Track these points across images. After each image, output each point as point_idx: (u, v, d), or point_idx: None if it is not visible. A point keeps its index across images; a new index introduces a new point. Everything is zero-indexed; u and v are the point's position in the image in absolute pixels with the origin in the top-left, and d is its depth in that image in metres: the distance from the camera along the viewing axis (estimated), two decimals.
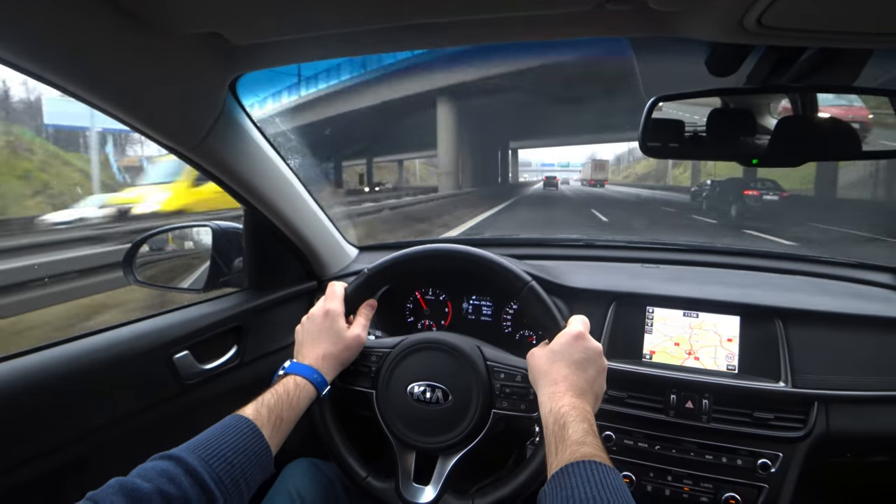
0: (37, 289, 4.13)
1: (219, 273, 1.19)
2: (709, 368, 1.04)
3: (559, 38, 0.74)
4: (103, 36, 0.62)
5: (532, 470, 0.78)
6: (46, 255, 4.78)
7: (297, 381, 0.78)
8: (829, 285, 1.25)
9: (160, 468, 0.58)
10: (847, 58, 0.72)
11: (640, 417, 1.04)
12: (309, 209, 1.22)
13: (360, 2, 0.62)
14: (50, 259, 4.61)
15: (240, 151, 0.95)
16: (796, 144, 0.80)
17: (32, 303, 3.98)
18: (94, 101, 0.70)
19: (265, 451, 0.68)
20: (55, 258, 4.66)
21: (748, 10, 0.53)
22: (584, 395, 0.71)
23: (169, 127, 0.81)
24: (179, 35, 0.69)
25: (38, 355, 0.80)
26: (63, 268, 4.47)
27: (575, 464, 0.58)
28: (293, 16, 0.65)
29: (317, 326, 0.86)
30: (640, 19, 0.66)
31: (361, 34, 0.73)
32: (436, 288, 1.36)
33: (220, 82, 0.85)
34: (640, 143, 0.83)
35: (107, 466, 0.60)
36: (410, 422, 0.84)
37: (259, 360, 1.15)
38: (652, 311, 1.11)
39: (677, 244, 1.48)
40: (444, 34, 0.74)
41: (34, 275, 4.15)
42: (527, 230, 12.34)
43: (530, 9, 0.63)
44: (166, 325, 0.98)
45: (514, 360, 0.86)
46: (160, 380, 0.95)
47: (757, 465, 0.97)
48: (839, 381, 0.99)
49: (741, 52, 0.71)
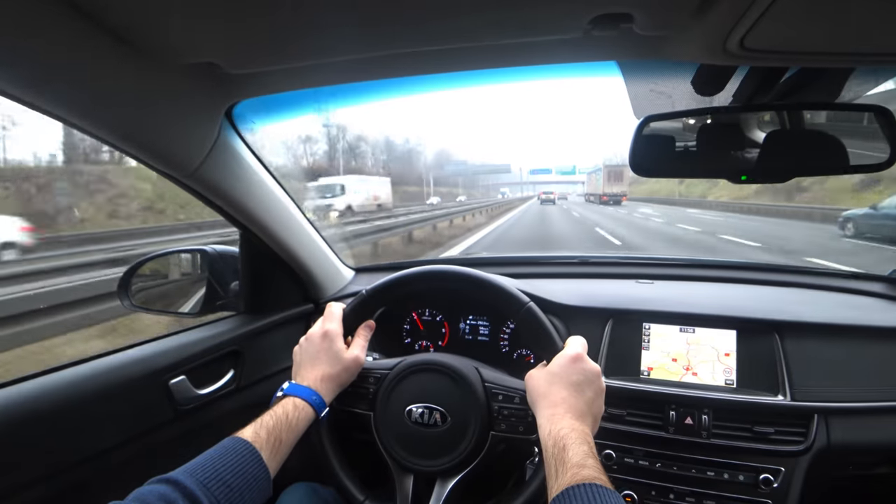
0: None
1: (215, 297, 1.19)
2: (707, 384, 1.04)
3: (547, 63, 0.76)
4: (101, 65, 0.64)
5: (531, 492, 0.77)
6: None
7: (295, 402, 0.77)
8: (825, 296, 1.25)
9: (158, 492, 0.57)
10: (828, 76, 0.74)
11: (640, 435, 1.03)
12: (305, 232, 1.22)
13: (353, 33, 0.64)
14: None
15: (236, 177, 0.96)
16: (784, 159, 0.81)
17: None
18: (91, 129, 0.71)
19: (264, 473, 0.67)
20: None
21: (730, 34, 0.54)
22: (583, 417, 0.71)
23: (165, 154, 0.82)
24: (176, 64, 0.70)
25: (33, 382, 0.80)
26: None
27: (576, 486, 0.58)
28: (288, 46, 0.67)
29: (315, 347, 0.85)
30: (626, 44, 0.68)
31: (354, 62, 0.75)
32: (432, 308, 1.36)
33: (217, 110, 0.86)
34: (631, 161, 0.84)
35: (104, 491, 0.59)
36: (408, 444, 0.84)
37: (256, 384, 1.15)
38: (648, 327, 1.11)
39: (672, 259, 1.48)
40: (435, 62, 0.76)
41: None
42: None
43: (519, 37, 0.65)
44: (162, 350, 0.97)
45: (512, 381, 0.86)
46: (156, 405, 0.94)
47: (759, 481, 0.96)
48: (838, 393, 0.99)
49: (726, 72, 0.73)
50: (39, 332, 3.52)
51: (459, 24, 0.62)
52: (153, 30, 0.62)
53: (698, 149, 0.85)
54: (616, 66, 0.83)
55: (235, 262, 1.21)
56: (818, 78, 0.74)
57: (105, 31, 0.60)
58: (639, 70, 0.88)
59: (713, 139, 0.86)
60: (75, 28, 0.58)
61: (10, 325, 3.38)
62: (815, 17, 0.51)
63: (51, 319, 3.62)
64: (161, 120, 0.77)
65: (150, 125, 0.76)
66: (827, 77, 0.74)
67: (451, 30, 0.63)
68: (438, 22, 0.62)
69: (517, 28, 0.63)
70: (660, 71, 0.88)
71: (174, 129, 0.80)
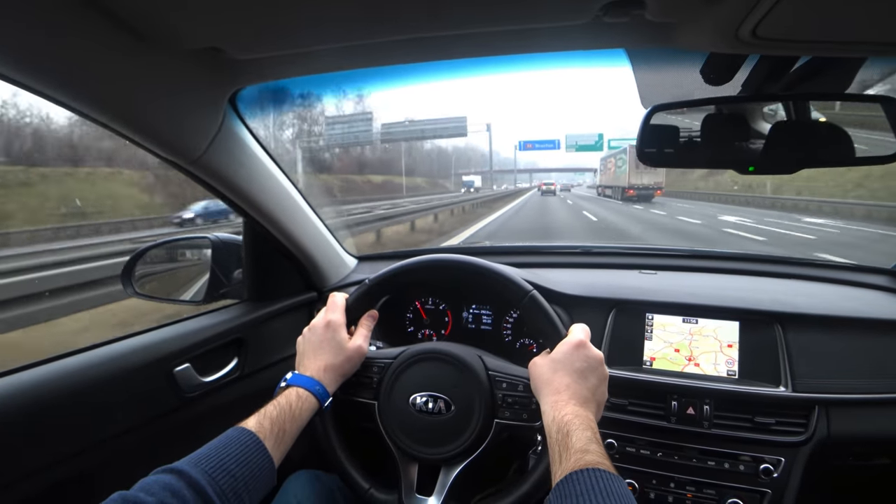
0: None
1: (218, 285, 1.19)
2: (709, 374, 1.05)
3: (556, 50, 0.75)
4: (104, 51, 0.63)
5: (535, 479, 0.78)
6: None
7: (299, 392, 0.78)
8: (828, 289, 1.25)
9: (163, 482, 0.57)
10: (839, 66, 0.73)
11: (642, 424, 1.04)
12: (308, 220, 1.22)
13: (358, 18, 0.63)
14: None
15: (240, 164, 0.96)
16: (791, 151, 0.81)
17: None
18: (94, 115, 0.70)
19: (268, 463, 0.68)
20: None
21: (743, 22, 0.54)
22: (586, 403, 0.71)
23: (169, 141, 0.82)
24: (180, 50, 0.70)
25: (38, 370, 0.80)
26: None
27: (579, 472, 0.58)
28: (292, 31, 0.66)
29: (318, 337, 0.86)
30: (637, 31, 0.67)
31: (360, 48, 0.74)
32: (435, 297, 1.36)
33: (221, 96, 0.85)
34: (638, 150, 0.84)
35: (109, 480, 0.60)
36: (413, 433, 0.84)
37: (259, 372, 1.15)
38: (651, 317, 1.11)
39: (675, 250, 1.48)
40: (442, 48, 0.75)
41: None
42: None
43: (527, 23, 0.64)
44: (166, 338, 0.98)
45: (515, 369, 0.86)
46: (161, 393, 0.94)
47: (759, 471, 0.97)
48: (839, 385, 0.99)
49: (736, 61, 0.73)
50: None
51: (466, 9, 0.61)
52: (157, 15, 0.61)
53: (706, 139, 0.85)
54: (624, 55, 0.82)
55: (239, 250, 1.21)
56: (829, 67, 0.73)
57: (108, 17, 0.59)
58: (647, 58, 0.87)
59: (721, 129, 0.85)
60: (79, 14, 0.57)
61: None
62: (829, 4, 0.51)
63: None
64: (165, 106, 0.76)
65: (154, 112, 0.76)
66: (838, 67, 0.73)
67: (457, 15, 0.62)
68: (444, 7, 0.61)
69: (527, 12, 0.62)
70: (668, 59, 0.87)
71: (178, 115, 0.80)
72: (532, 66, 0.83)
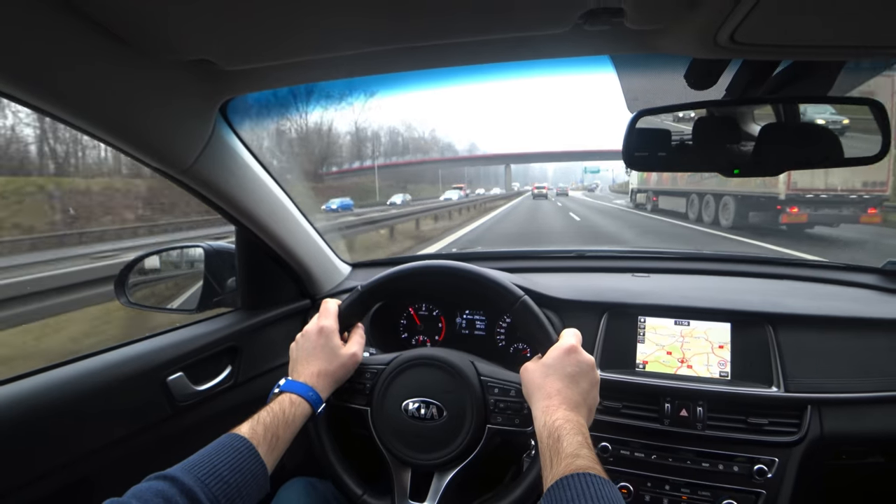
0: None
1: (212, 293, 1.20)
2: (702, 376, 1.05)
3: (539, 58, 0.76)
4: (94, 62, 0.63)
5: (528, 484, 0.78)
6: None
7: (292, 398, 0.78)
8: (818, 289, 1.26)
9: (156, 488, 0.57)
10: (820, 69, 0.74)
11: (636, 427, 1.04)
12: (301, 228, 1.22)
13: (345, 29, 0.64)
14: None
15: (231, 173, 0.96)
16: (779, 152, 0.81)
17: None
18: (84, 126, 0.71)
19: (261, 469, 0.68)
20: None
21: (720, 28, 0.54)
22: (577, 408, 0.72)
23: (160, 151, 0.82)
24: (170, 61, 0.70)
25: (31, 380, 0.80)
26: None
27: (570, 476, 0.58)
28: (281, 43, 0.67)
29: (311, 344, 0.86)
30: (618, 38, 0.68)
31: (348, 58, 0.75)
32: (429, 303, 1.36)
33: (211, 106, 0.86)
34: (624, 155, 0.84)
35: (102, 489, 0.60)
36: (405, 438, 0.84)
37: (253, 380, 1.15)
38: (643, 320, 1.12)
39: (667, 252, 1.49)
40: (428, 57, 0.76)
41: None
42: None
43: (509, 32, 0.65)
44: (159, 347, 0.98)
45: (507, 374, 0.87)
46: (154, 402, 0.94)
47: (753, 471, 0.97)
48: (831, 384, 1.00)
49: (718, 66, 0.73)
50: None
51: (450, 20, 0.62)
52: (147, 26, 0.61)
53: (692, 142, 0.85)
54: (609, 61, 0.83)
55: (232, 258, 1.22)
56: (810, 71, 0.74)
57: (98, 28, 0.60)
58: (632, 64, 0.88)
59: (706, 133, 0.85)
60: (69, 24, 0.58)
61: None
62: (804, 10, 0.52)
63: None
64: (155, 116, 0.77)
65: (144, 122, 0.76)
66: (819, 70, 0.74)
67: (441, 25, 0.63)
68: (429, 18, 0.62)
69: (507, 23, 0.63)
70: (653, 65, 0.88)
71: (168, 125, 0.80)
72: (518, 74, 0.84)
